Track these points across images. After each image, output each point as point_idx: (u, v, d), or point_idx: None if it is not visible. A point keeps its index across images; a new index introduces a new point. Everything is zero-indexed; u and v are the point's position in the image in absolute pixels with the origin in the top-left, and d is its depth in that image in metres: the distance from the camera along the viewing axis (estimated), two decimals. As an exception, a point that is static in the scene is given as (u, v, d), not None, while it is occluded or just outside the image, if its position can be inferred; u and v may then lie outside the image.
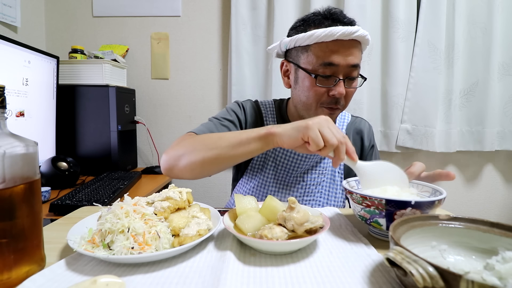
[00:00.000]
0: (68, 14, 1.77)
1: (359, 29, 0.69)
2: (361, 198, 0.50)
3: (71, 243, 0.44)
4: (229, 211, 0.55)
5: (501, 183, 1.91)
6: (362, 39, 0.71)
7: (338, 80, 0.70)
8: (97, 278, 0.34)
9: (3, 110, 0.38)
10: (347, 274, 0.40)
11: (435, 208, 0.47)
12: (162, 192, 0.52)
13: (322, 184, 0.83)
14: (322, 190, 0.83)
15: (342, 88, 0.70)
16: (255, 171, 0.85)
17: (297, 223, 0.46)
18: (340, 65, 0.69)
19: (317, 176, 0.82)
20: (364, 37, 0.70)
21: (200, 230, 0.46)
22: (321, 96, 0.73)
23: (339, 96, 0.71)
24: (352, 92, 0.75)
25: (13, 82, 1.13)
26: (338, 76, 0.70)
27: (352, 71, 0.71)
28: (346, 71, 0.71)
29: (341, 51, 0.69)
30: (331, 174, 0.83)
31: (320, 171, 0.83)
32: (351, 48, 0.70)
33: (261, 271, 0.41)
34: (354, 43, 0.71)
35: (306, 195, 0.82)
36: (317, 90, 0.72)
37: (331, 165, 0.82)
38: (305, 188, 0.82)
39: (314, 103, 0.74)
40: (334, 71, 0.70)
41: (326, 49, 0.69)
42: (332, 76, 0.70)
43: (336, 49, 0.69)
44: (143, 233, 0.43)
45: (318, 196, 0.83)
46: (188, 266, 0.43)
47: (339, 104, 0.73)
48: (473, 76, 1.75)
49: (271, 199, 0.52)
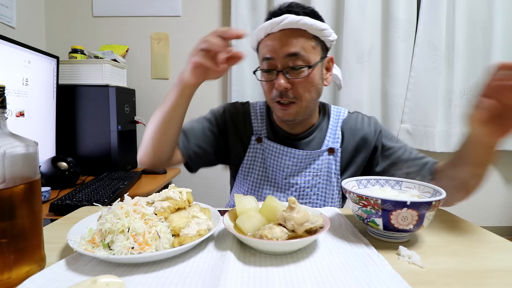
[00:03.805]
0: (68, 14, 1.77)
1: (286, 18, 0.67)
2: (358, 198, 0.50)
3: (71, 243, 0.44)
4: (229, 211, 0.55)
5: (501, 183, 1.91)
6: (295, 25, 0.67)
7: (277, 73, 0.70)
8: (97, 278, 0.34)
9: (3, 110, 0.38)
10: (347, 274, 0.40)
11: (433, 208, 0.47)
12: (162, 192, 0.52)
13: (318, 186, 0.80)
14: (318, 192, 0.80)
15: (281, 79, 0.69)
16: (246, 173, 0.84)
17: (297, 223, 0.46)
18: (274, 57, 0.70)
19: (311, 178, 0.80)
20: (296, 22, 0.67)
21: (200, 230, 0.46)
22: (270, 90, 0.74)
23: (279, 89, 0.70)
24: (302, 83, 0.70)
25: (13, 82, 1.13)
26: (276, 68, 0.71)
27: (290, 60, 0.69)
28: (284, 62, 0.69)
29: (275, 43, 0.69)
30: (327, 175, 0.80)
31: (315, 173, 0.80)
32: (285, 38, 0.68)
33: (261, 271, 0.41)
34: (289, 32, 0.68)
35: (301, 197, 0.80)
36: (265, 86, 0.75)
37: (326, 167, 0.80)
38: (300, 191, 0.80)
39: (268, 99, 0.76)
40: (272, 64, 0.71)
41: (264, 44, 0.72)
42: (273, 70, 0.71)
43: (270, 43, 0.70)
44: (143, 233, 0.43)
45: (314, 198, 0.80)
46: (188, 266, 0.42)
47: (287, 97, 0.71)
48: (473, 76, 1.75)
49: (271, 199, 0.52)
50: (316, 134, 0.82)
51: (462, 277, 0.41)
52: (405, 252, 0.46)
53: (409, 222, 0.47)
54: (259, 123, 0.85)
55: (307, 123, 0.81)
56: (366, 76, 1.72)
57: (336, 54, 1.74)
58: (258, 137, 0.83)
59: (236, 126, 0.85)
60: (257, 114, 0.86)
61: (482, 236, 0.55)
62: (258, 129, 0.84)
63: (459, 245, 0.51)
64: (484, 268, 0.43)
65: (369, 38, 1.70)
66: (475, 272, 0.42)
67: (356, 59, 1.69)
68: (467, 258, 0.46)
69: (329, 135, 0.81)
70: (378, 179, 0.61)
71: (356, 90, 1.70)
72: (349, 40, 1.67)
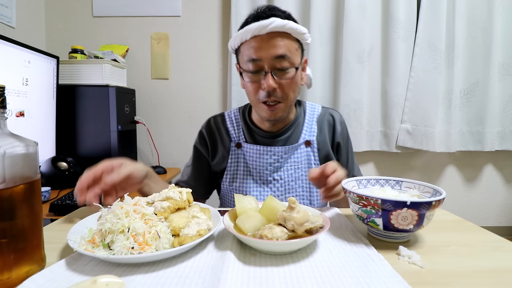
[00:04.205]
0: (68, 14, 1.77)
1: (274, 21, 0.70)
2: (358, 198, 0.50)
3: (71, 243, 0.44)
4: (229, 211, 0.55)
5: (501, 183, 1.91)
6: (282, 29, 0.71)
7: (265, 74, 0.72)
8: (97, 278, 0.34)
9: (3, 110, 0.38)
10: (347, 274, 0.40)
11: (433, 208, 0.47)
12: (162, 192, 0.52)
13: (301, 179, 0.84)
14: (303, 184, 0.84)
15: (269, 80, 0.72)
16: (232, 179, 0.87)
17: (297, 223, 0.46)
18: (263, 59, 0.72)
19: (294, 171, 0.83)
20: (283, 26, 0.70)
21: (200, 230, 0.46)
22: (256, 91, 0.76)
23: (268, 89, 0.72)
24: (288, 84, 0.74)
25: (13, 82, 1.13)
26: (264, 69, 0.73)
27: (278, 62, 0.72)
28: (271, 63, 0.72)
29: (262, 45, 0.71)
30: (308, 167, 0.84)
31: (296, 165, 0.83)
32: (273, 41, 0.71)
33: (261, 271, 0.41)
34: (276, 35, 0.71)
35: (287, 191, 0.84)
36: (251, 86, 0.76)
37: (306, 159, 0.84)
38: (285, 185, 0.83)
39: (254, 100, 0.78)
40: (259, 66, 0.73)
41: (249, 46, 0.73)
42: (261, 71, 0.73)
43: (257, 45, 0.72)
44: (143, 233, 0.43)
45: (300, 191, 0.84)
46: (188, 266, 0.42)
47: (275, 97, 0.74)
48: (473, 76, 1.75)
49: (271, 199, 0.52)
50: (293, 129, 0.86)
51: (462, 277, 0.41)
52: (405, 252, 0.46)
53: (409, 222, 0.47)
54: (236, 129, 0.88)
55: (285, 120, 0.85)
56: (366, 76, 1.72)
57: (336, 54, 1.74)
58: (237, 143, 0.87)
59: (214, 141, 0.90)
60: (232, 121, 0.89)
61: (482, 236, 0.55)
62: (236, 136, 0.88)
63: (459, 245, 0.50)
64: (484, 268, 0.43)
65: (369, 38, 1.70)
66: (475, 272, 0.42)
67: (356, 59, 1.69)
68: (467, 258, 0.46)
69: (305, 129, 0.86)
70: (378, 179, 0.61)
71: (356, 90, 1.69)
72: (349, 40, 1.67)
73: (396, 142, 1.77)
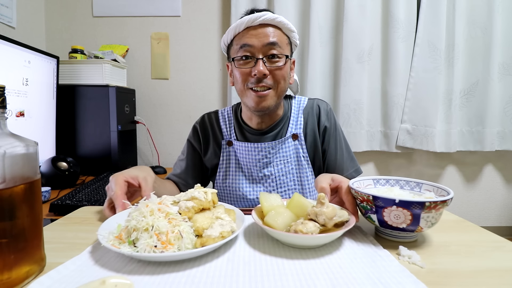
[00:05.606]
0: (68, 14, 1.77)
1: (266, 14, 0.75)
2: (355, 193, 0.52)
3: (101, 237, 0.44)
4: (254, 209, 0.56)
5: (501, 183, 1.91)
6: (272, 22, 0.76)
7: (257, 60, 0.75)
8: (106, 278, 0.34)
9: (3, 110, 0.38)
10: (357, 269, 0.41)
11: (429, 210, 0.45)
12: (187, 191, 0.52)
13: (292, 172, 0.85)
14: (294, 178, 0.85)
15: (260, 66, 0.74)
16: (224, 177, 0.88)
17: (328, 217, 0.48)
18: (254, 45, 0.75)
19: (283, 166, 0.84)
20: (274, 19, 0.75)
21: (223, 232, 0.46)
22: (246, 77, 0.77)
23: (259, 75, 0.74)
24: (279, 71, 0.77)
25: (13, 82, 1.13)
26: (255, 56, 0.75)
27: (269, 49, 0.75)
28: (263, 50, 0.75)
29: (254, 34, 0.75)
30: (297, 160, 0.85)
31: (285, 159, 0.84)
32: (265, 30, 0.75)
33: (274, 270, 0.41)
34: (267, 26, 0.76)
35: (279, 187, 0.85)
36: (241, 72, 0.77)
37: (294, 152, 0.85)
38: (276, 180, 0.85)
39: (242, 87, 0.79)
40: (251, 52, 0.75)
41: (242, 36, 0.77)
42: (252, 57, 0.76)
43: (249, 33, 0.76)
44: (166, 232, 0.43)
45: (292, 185, 0.85)
46: (195, 266, 0.42)
47: (265, 83, 0.76)
48: (473, 76, 1.75)
49: (299, 196, 0.55)
50: (282, 125, 0.87)
51: (462, 277, 0.41)
52: (405, 252, 0.46)
53: (403, 221, 0.47)
54: (228, 127, 0.90)
55: (274, 116, 0.86)
56: (366, 76, 1.72)
57: (336, 54, 1.74)
58: (229, 141, 0.88)
59: (207, 137, 0.92)
60: (225, 119, 0.91)
61: (482, 236, 0.55)
62: (228, 133, 0.89)
63: (459, 245, 0.50)
64: (484, 268, 0.43)
65: (369, 38, 1.70)
66: (475, 272, 0.42)
67: (356, 59, 1.69)
68: (467, 258, 0.46)
69: (292, 123, 0.87)
70: (398, 180, 0.60)
71: (356, 90, 1.69)
72: (349, 40, 1.67)
73: (396, 142, 1.77)
